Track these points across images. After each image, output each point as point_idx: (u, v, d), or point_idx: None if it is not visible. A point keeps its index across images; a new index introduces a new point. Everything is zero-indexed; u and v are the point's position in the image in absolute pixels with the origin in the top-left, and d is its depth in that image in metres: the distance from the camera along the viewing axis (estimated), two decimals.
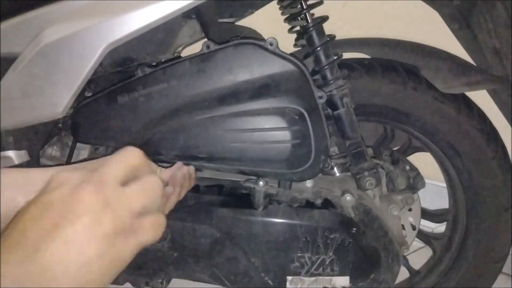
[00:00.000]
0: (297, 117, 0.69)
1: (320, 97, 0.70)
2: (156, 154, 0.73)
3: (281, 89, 0.69)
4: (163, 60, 0.76)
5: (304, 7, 0.72)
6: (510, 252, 0.95)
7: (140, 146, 0.71)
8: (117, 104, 0.71)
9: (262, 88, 0.69)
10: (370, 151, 0.86)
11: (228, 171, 0.74)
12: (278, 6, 0.78)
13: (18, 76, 0.66)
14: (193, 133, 0.71)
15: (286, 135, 0.70)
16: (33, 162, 0.77)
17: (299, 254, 0.76)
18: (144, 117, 0.71)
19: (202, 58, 0.69)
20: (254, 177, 0.77)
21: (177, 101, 0.70)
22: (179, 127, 0.71)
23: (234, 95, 0.69)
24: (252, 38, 0.69)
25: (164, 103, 0.70)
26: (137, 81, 0.71)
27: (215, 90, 0.69)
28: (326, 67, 0.73)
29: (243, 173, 0.75)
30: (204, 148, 0.72)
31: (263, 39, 0.69)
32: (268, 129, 0.70)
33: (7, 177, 0.46)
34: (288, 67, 0.69)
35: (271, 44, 0.68)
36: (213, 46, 0.69)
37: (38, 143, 0.79)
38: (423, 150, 0.96)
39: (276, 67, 0.69)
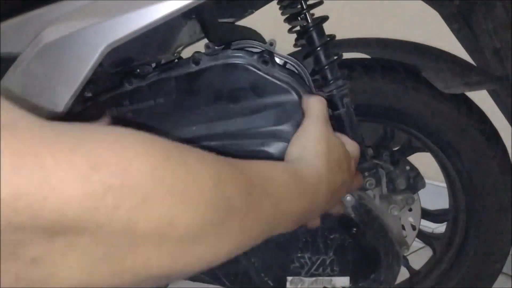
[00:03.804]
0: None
1: None
2: None
3: (272, 114, 0.64)
4: (162, 61, 0.76)
5: (304, 7, 0.72)
6: (510, 252, 0.95)
7: None
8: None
9: (252, 112, 0.64)
10: (370, 151, 0.86)
11: None
12: (278, 6, 0.78)
13: (18, 77, 0.66)
14: None
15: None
16: None
17: (299, 254, 0.76)
18: None
19: (189, 76, 0.65)
20: None
21: (164, 120, 0.67)
22: None
23: (221, 117, 0.65)
24: (250, 39, 0.68)
25: (150, 122, 0.67)
26: (124, 94, 0.68)
27: (202, 111, 0.66)
28: (326, 67, 0.73)
29: None
30: None
31: (263, 41, 0.68)
32: (254, 152, 0.65)
33: None
34: (281, 91, 0.63)
35: (264, 62, 0.62)
36: (213, 49, 0.68)
37: None
38: (423, 150, 0.96)
39: (270, 91, 0.63)
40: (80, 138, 0.23)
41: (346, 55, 0.80)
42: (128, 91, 0.67)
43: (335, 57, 0.74)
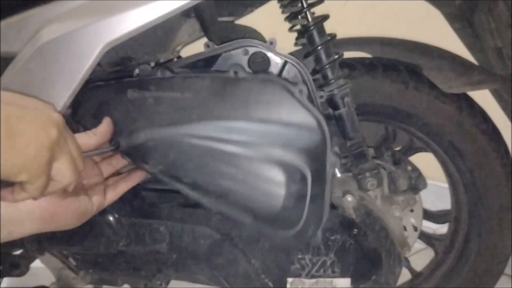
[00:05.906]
0: (298, 177, 0.66)
1: (321, 97, 0.69)
2: (142, 162, 0.69)
3: (293, 142, 0.66)
4: (161, 60, 0.75)
5: (305, 6, 0.72)
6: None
7: (130, 149, 0.70)
8: (125, 96, 0.68)
9: (274, 135, 0.66)
10: (371, 151, 0.85)
11: (207, 206, 0.70)
12: (279, 4, 0.78)
13: (16, 76, 0.66)
14: (187, 155, 0.67)
15: (280, 190, 0.67)
16: None
17: (300, 256, 0.76)
18: (145, 119, 0.68)
19: (225, 80, 0.66)
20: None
21: (184, 116, 0.67)
22: (175, 143, 0.67)
23: (242, 131, 0.66)
24: (250, 38, 0.68)
25: (170, 113, 0.67)
26: (152, 81, 0.68)
27: (226, 118, 0.66)
28: (327, 66, 0.73)
29: (221, 214, 0.72)
30: (191, 174, 0.68)
31: (263, 39, 0.68)
32: (264, 178, 0.67)
33: None
34: (309, 121, 0.65)
35: (300, 91, 0.65)
36: (213, 47, 0.67)
37: None
38: (425, 151, 0.95)
39: (296, 117, 0.65)
40: None
41: (347, 54, 0.80)
42: (157, 78, 0.68)
43: (336, 56, 0.74)
